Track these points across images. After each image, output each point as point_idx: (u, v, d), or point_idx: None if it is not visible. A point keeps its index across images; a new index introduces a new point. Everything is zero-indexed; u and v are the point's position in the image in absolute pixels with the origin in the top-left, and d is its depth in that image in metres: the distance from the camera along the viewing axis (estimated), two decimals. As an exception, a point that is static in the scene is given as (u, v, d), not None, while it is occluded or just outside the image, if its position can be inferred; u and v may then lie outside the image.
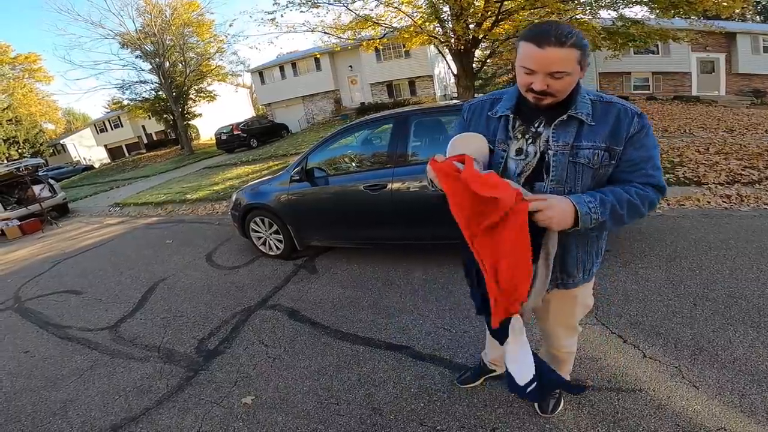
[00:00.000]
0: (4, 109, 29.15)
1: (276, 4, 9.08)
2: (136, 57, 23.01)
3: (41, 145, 29.92)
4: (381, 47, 14.10)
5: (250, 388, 2.32)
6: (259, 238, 4.29)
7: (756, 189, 4.13)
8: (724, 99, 16.36)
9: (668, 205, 4.02)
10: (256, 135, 19.89)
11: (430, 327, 2.62)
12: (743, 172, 4.54)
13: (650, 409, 1.76)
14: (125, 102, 26.17)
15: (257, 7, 31.12)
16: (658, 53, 17.36)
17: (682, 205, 4.00)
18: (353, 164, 3.88)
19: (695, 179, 4.50)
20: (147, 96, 24.86)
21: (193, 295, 3.76)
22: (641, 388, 1.88)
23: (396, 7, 9.05)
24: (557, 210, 1.06)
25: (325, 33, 10.15)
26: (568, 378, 1.85)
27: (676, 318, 2.34)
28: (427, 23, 9.01)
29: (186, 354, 2.79)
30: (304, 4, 8.97)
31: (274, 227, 4.07)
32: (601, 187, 1.18)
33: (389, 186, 3.28)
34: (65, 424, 2.28)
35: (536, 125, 1.20)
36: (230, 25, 32.22)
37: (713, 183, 4.35)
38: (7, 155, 26.45)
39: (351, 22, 9.58)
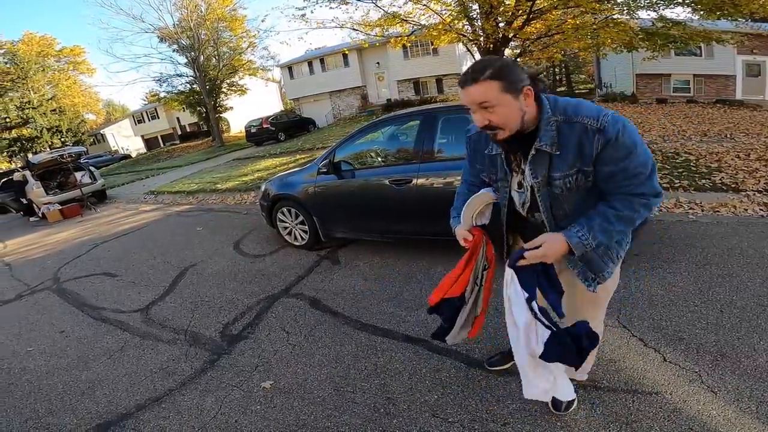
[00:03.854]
0: (49, 99, 30.77)
1: (306, 0, 9.24)
2: (173, 51, 23.91)
3: (83, 134, 31.43)
4: (409, 44, 14.11)
5: (269, 373, 2.41)
6: (285, 228, 4.42)
7: (799, 198, 3.92)
8: (771, 103, 15.44)
9: (702, 211, 3.89)
10: (284, 129, 20.30)
11: (447, 322, 2.66)
12: (785, 180, 4.32)
13: (665, 413, 1.75)
14: (162, 94, 27.26)
15: (288, 3, 31.70)
16: (700, 55, 16.55)
17: (717, 211, 3.85)
18: (379, 159, 3.95)
19: (733, 185, 4.32)
20: (182, 89, 25.78)
21: (220, 281, 3.92)
22: (658, 391, 1.87)
23: (424, 5, 9.02)
24: (548, 248, 1.22)
25: (353, 29, 10.26)
26: (584, 375, 1.89)
27: (700, 324, 2.30)
28: (455, 21, 8.94)
29: (211, 338, 2.92)
30: (333, 0, 9.09)
31: (300, 218, 4.19)
32: (602, 198, 1.25)
33: (414, 181, 3.33)
34: (92, 403, 2.40)
35: (520, 162, 1.31)
36: (262, 21, 33.28)
37: (751, 190, 4.16)
38: (50, 143, 27.94)
39: (379, 19, 9.63)
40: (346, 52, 21.92)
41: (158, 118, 37.42)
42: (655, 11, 8.08)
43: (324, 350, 2.56)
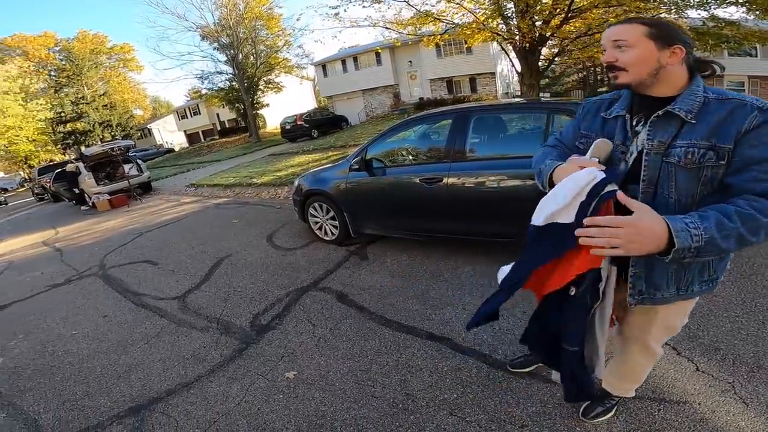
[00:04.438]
0: (101, 95, 32.82)
1: (341, -1, 9.40)
2: (214, 49, 24.86)
3: (131, 128, 33.34)
4: (442, 43, 14.01)
5: (294, 364, 2.51)
6: (316, 222, 4.56)
7: None
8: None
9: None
10: (317, 126, 20.68)
11: (471, 322, 2.68)
12: None
13: (691, 422, 1.71)
14: (203, 91, 28.44)
15: (322, 2, 32.17)
16: (756, 55, 15.50)
17: None
18: (410, 157, 4.00)
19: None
20: (222, 86, 26.81)
21: (253, 272, 4.10)
22: (686, 400, 1.83)
23: (458, 3, 8.94)
24: (639, 219, 0.95)
25: (386, 28, 10.30)
26: (631, 393, 1.76)
27: (740, 335, 2.21)
28: (489, 20, 8.80)
29: (241, 327, 3.06)
30: (366, -1, 9.20)
31: (331, 213, 4.31)
32: (712, 194, 1.05)
33: (445, 180, 3.36)
34: (127, 387, 2.54)
35: (635, 123, 1.17)
36: (297, 20, 34.08)
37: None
38: (101, 137, 29.82)
39: (412, 17, 9.63)
40: (379, 51, 22.04)
41: (200, 114, 39.07)
42: (705, 10, 7.63)
43: (348, 344, 2.64)
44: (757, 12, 7.21)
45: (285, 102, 32.13)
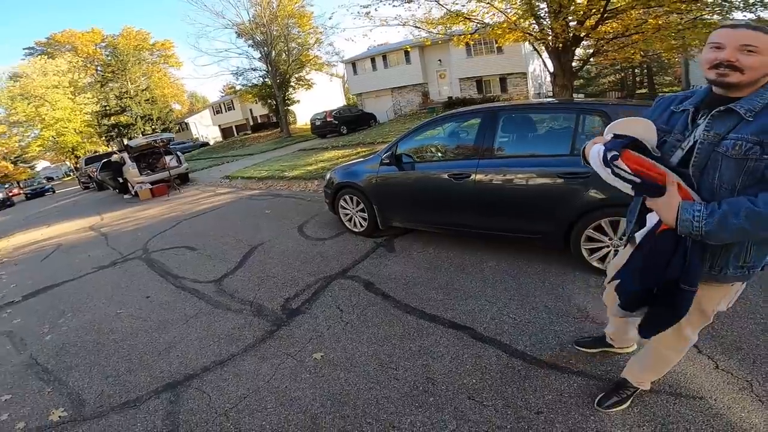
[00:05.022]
0: (143, 90, 34.44)
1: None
2: (249, 46, 25.66)
3: (170, 122, 34.83)
4: (472, 42, 13.91)
5: (321, 346, 2.66)
6: (346, 214, 4.74)
7: None
8: None
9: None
10: (346, 122, 21.00)
11: (495, 313, 2.78)
12: None
13: (704, 417, 1.75)
14: (238, 87, 29.39)
15: (354, 1, 32.57)
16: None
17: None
18: (439, 153, 4.10)
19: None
20: (256, 82, 27.62)
21: (285, 259, 4.32)
22: (702, 396, 1.87)
23: (488, 2, 8.89)
24: (665, 202, 1.22)
25: (416, 27, 10.36)
26: (647, 385, 1.85)
27: (763, 336, 2.21)
28: (521, 20, 8.72)
29: (273, 310, 3.25)
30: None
31: (361, 206, 4.48)
32: (754, 184, 1.15)
33: (473, 176, 3.45)
34: (166, 364, 2.71)
35: (700, 118, 1.29)
36: (329, 18, 34.62)
37: None
38: (143, 130, 31.35)
39: (442, 17, 9.66)
40: (409, 50, 22.08)
41: (234, 109, 40.37)
42: (751, 12, 7.28)
43: (373, 329, 2.79)
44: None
45: (315, 99, 32.72)
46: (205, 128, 43.56)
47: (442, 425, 1.91)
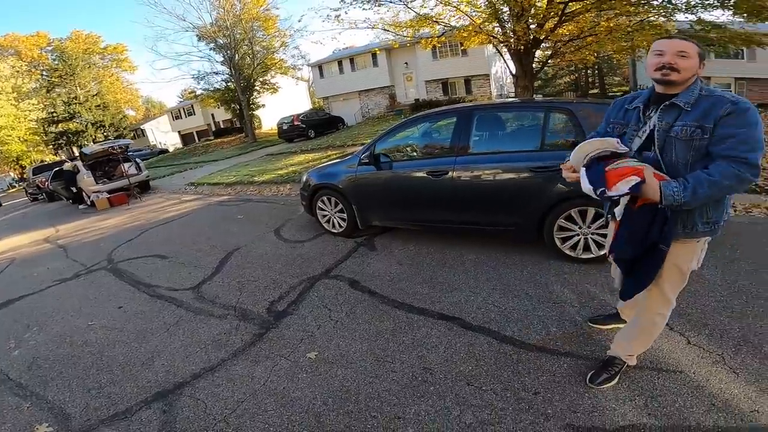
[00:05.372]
0: (94, 95, 32.58)
1: (343, 2, 9.56)
2: (211, 49, 24.89)
3: (124, 129, 33.12)
4: (439, 45, 14.21)
5: (314, 345, 2.64)
6: (324, 216, 4.71)
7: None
8: (820, 108, 14.69)
9: (735, 211, 3.91)
10: (314, 126, 20.81)
11: (480, 303, 2.86)
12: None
13: (688, 389, 1.89)
14: (199, 91, 28.41)
15: (323, 4, 32.42)
16: (743, 58, 15.94)
17: (750, 212, 3.87)
18: (417, 152, 4.17)
19: (766, 188, 4.30)
20: (218, 86, 26.82)
21: (264, 263, 4.23)
22: (681, 370, 2.01)
23: (455, 6, 9.16)
24: (649, 180, 1.50)
25: (384, 30, 10.49)
26: (633, 360, 2.01)
27: (725, 312, 2.41)
28: (486, 23, 9.03)
29: (258, 313, 3.18)
30: (367, 1, 9.37)
31: (339, 206, 4.46)
32: (700, 158, 1.50)
33: (451, 173, 3.55)
34: (151, 373, 2.59)
35: (650, 112, 1.65)
36: (299, 21, 34.22)
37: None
38: (94, 137, 29.62)
39: (411, 20, 9.82)
40: (377, 52, 22.21)
41: (194, 114, 38.96)
42: (693, 14, 7.91)
43: (364, 326, 2.79)
44: (744, 15, 7.47)
45: (280, 103, 32.18)
46: (163, 134, 41.77)
47: (446, 412, 1.95)
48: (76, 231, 8.05)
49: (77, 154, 25.42)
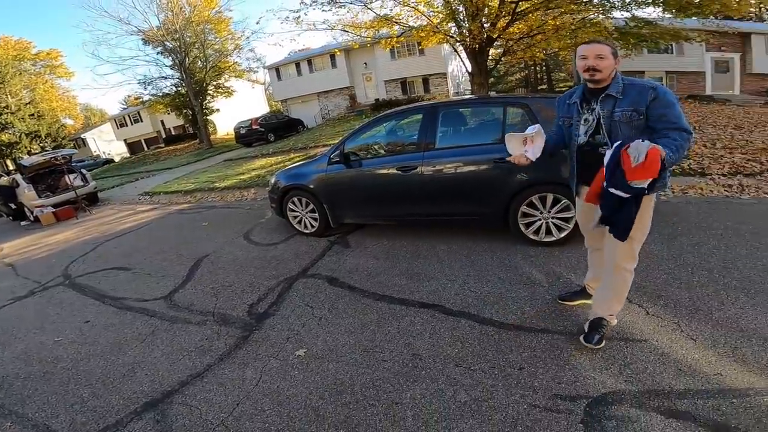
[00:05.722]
0: (27, 104, 30.06)
1: (303, 3, 9.50)
2: (158, 53, 23.73)
3: (63, 139, 30.79)
4: (398, 46, 14.44)
5: (301, 343, 2.65)
6: (296, 217, 4.69)
7: (757, 180, 4.40)
8: (739, 98, 16.30)
9: (673, 193, 4.32)
10: (273, 129, 20.38)
11: (457, 289, 2.99)
12: (746, 165, 4.81)
13: (655, 356, 2.07)
14: (146, 97, 26.95)
15: (282, 5, 31.85)
16: (672, 53, 17.37)
17: (686, 193, 4.29)
18: (386, 149, 4.26)
19: (699, 170, 4.79)
20: (168, 91, 25.59)
21: (238, 268, 4.15)
22: (646, 339, 2.20)
23: (413, 6, 9.37)
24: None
25: (344, 31, 10.53)
26: (614, 320, 2.27)
27: (675, 284, 2.68)
28: (443, 23, 9.32)
29: (239, 317, 3.14)
30: (327, 3, 9.37)
31: (311, 206, 4.47)
32: (639, 134, 1.81)
33: (419, 168, 3.68)
34: (135, 384, 2.50)
35: (592, 104, 1.98)
36: (257, 23, 33.32)
37: (717, 174, 4.63)
38: (29, 149, 27.34)
39: (371, 21, 9.93)
40: (338, 53, 22.13)
41: (141, 121, 36.89)
42: (627, 11, 8.60)
43: (348, 320, 2.84)
44: (673, 11, 8.19)
45: (236, 107, 31.24)
46: (107, 144, 39.22)
47: (440, 393, 2.04)
48: (23, 248, 7.44)
49: (13, 167, 23.33)
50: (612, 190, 1.79)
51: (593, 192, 1.94)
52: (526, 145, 2.18)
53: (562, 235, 3.37)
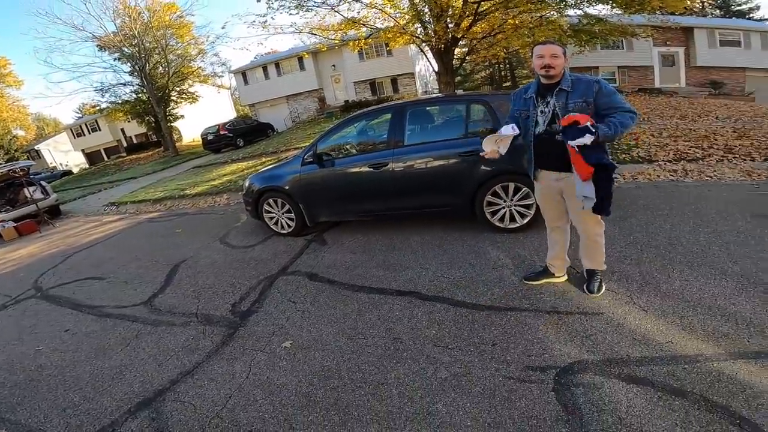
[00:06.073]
0: (-27, 114, 28.30)
1: (270, 8, 9.50)
2: (115, 59, 22.85)
3: (15, 151, 29.17)
4: (366, 47, 14.60)
5: (287, 336, 2.76)
6: (272, 218, 4.76)
7: (699, 165, 4.84)
8: (685, 90, 17.48)
9: (623, 179, 4.69)
10: (242, 134, 20.05)
11: (431, 277, 3.18)
12: (689, 152, 5.27)
13: (611, 327, 2.28)
14: (104, 105, 25.88)
15: (248, 10, 31.22)
16: (623, 48, 18.37)
17: (636, 178, 4.67)
18: (357, 148, 4.40)
19: (647, 158, 5.21)
20: (127, 98, 24.67)
21: (217, 270, 4.19)
22: (603, 312, 2.43)
23: (380, 9, 9.57)
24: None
25: (312, 34, 10.58)
26: (603, 265, 2.62)
27: (626, 261, 2.96)
28: (409, 24, 9.57)
29: (223, 316, 3.20)
30: (294, 7, 9.41)
31: (287, 207, 4.55)
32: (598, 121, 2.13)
33: (390, 164, 3.86)
34: (125, 385, 2.54)
35: (548, 98, 2.28)
36: (222, 27, 32.56)
37: (663, 160, 5.06)
38: (-22, 163, 25.76)
39: (338, 24, 10.05)
40: (306, 56, 22.05)
41: (99, 130, 35.24)
42: (580, 9, 9.14)
43: (330, 311, 2.97)
44: (620, 8, 8.75)
45: (202, 113, 30.46)
46: (63, 154, 37.33)
47: (422, 372, 2.19)
48: (-17, 266, 7.10)
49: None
50: (591, 163, 2.14)
51: (585, 172, 2.18)
52: (498, 143, 2.42)
53: (525, 221, 3.63)
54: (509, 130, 2.36)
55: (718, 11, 32.27)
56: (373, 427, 1.90)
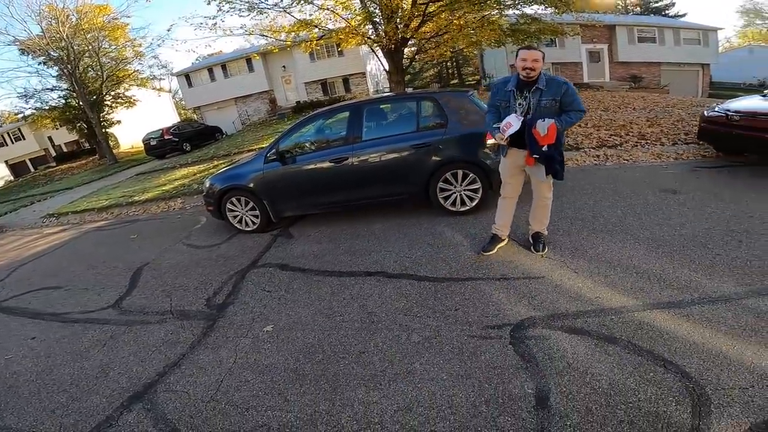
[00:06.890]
0: None
1: (221, 10, 9.34)
2: (39, 63, 21.02)
3: None
4: (317, 49, 14.66)
5: (267, 320, 2.93)
6: (236, 216, 4.84)
7: (618, 150, 5.57)
8: (609, 85, 19.26)
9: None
10: (188, 139, 19.25)
11: (395, 257, 3.51)
12: (609, 139, 6.02)
13: (551, 288, 2.71)
14: (28, 112, 23.72)
15: (196, 12, 29.78)
16: (556, 46, 19.80)
17: (565, 164, 5.28)
18: (318, 145, 4.63)
19: (575, 146, 5.89)
20: (55, 104, 22.78)
21: (184, 270, 4.22)
22: (543, 275, 2.87)
23: (332, 10, 9.74)
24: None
25: (262, 36, 10.52)
26: (545, 230, 3.24)
27: (559, 232, 3.46)
28: (361, 25, 9.83)
29: (199, 310, 3.28)
30: (245, 9, 9.34)
31: (250, 204, 4.67)
32: (555, 115, 2.70)
33: (350, 159, 4.15)
34: (111, 383, 2.56)
35: (525, 93, 2.76)
36: (168, 30, 30.67)
37: (587, 147, 5.75)
38: None
39: (290, 25, 10.08)
40: (255, 57, 21.54)
41: (24, 139, 32.11)
42: (517, 9, 9.89)
43: (305, 295, 3.19)
44: (555, 7, 9.56)
45: (141, 117, 28.78)
46: (-19, 167, 33.60)
47: (397, 338, 2.49)
48: None
49: None
50: (534, 156, 2.76)
51: (530, 160, 2.84)
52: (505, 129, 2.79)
53: (473, 204, 4.08)
54: (515, 120, 2.74)
55: (638, 9, 35.31)
56: (361, 390, 2.13)
